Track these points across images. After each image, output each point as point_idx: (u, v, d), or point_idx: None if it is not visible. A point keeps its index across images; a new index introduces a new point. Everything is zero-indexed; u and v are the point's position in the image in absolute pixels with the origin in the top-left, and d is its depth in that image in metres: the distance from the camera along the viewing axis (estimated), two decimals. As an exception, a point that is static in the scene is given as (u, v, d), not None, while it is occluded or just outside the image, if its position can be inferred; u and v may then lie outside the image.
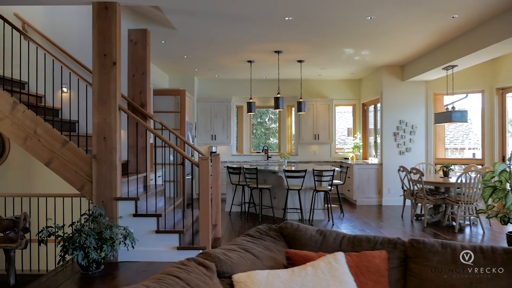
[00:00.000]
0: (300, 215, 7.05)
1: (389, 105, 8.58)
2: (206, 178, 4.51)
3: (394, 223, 6.82)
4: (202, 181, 4.51)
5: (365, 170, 8.68)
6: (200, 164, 4.51)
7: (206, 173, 4.51)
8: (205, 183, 4.51)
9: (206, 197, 4.50)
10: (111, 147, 4.44)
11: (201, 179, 4.52)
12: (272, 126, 17.92)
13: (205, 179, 4.51)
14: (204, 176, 4.51)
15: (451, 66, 6.82)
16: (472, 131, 13.55)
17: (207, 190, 4.51)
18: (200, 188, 4.52)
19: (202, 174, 4.51)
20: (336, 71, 9.09)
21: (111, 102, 4.46)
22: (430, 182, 6.50)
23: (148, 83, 5.71)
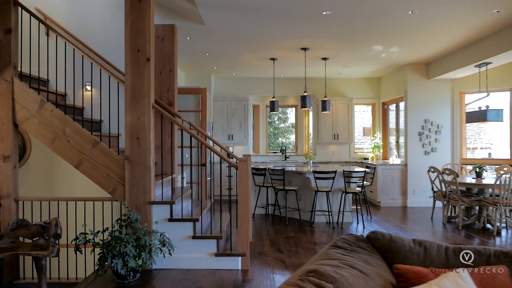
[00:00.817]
0: (328, 218, 6.81)
1: (414, 104, 8.34)
2: (246, 180, 4.27)
3: (426, 226, 6.57)
4: (241, 183, 4.27)
5: (389, 170, 8.44)
6: (239, 166, 4.27)
7: (246, 175, 4.27)
8: (244, 186, 4.27)
9: (246, 201, 4.27)
10: (144, 148, 4.20)
11: (240, 181, 4.27)
12: (281, 126, 17.67)
13: (245, 182, 4.27)
14: (243, 178, 4.27)
15: (485, 63, 6.58)
16: (483, 130, 13.33)
17: (246, 193, 4.28)
18: (239, 191, 4.28)
19: (241, 176, 4.27)
20: (358, 69, 8.85)
21: (145, 100, 4.22)
22: (467, 183, 6.25)
23: (175, 81, 5.47)
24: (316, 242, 5.48)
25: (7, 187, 4.32)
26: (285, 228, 6.45)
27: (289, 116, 16.16)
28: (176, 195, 4.66)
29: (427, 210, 7.86)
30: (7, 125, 4.28)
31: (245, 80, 10.03)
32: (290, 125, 16.84)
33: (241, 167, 4.27)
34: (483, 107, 6.66)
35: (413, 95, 8.33)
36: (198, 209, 4.70)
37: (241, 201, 4.28)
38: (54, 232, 3.94)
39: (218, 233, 4.39)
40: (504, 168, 6.94)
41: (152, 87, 4.29)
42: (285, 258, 4.77)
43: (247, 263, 4.27)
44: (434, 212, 7.31)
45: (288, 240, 5.64)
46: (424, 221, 6.92)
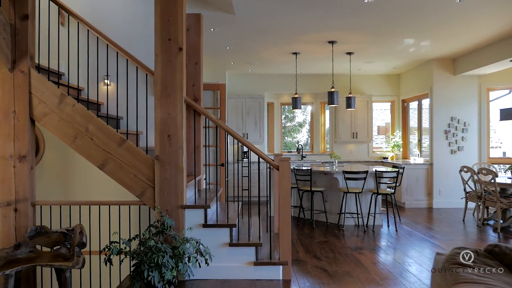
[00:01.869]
0: (357, 220, 6.45)
1: (440, 101, 7.98)
2: (287, 182, 3.89)
3: (460, 228, 6.22)
4: (282, 185, 3.89)
5: (414, 170, 8.08)
6: (280, 167, 3.89)
7: (287, 176, 3.89)
8: (285, 188, 3.89)
9: (287, 204, 3.88)
10: (176, 147, 3.81)
11: (280, 183, 3.89)
12: (287, 125, 17.30)
13: (286, 184, 3.89)
14: (284, 180, 3.89)
15: (523, 57, 6.24)
16: (492, 129, 13.00)
17: (287, 196, 3.90)
18: (281, 193, 3.90)
19: (282, 177, 3.89)
20: (379, 65, 8.49)
21: (177, 94, 3.83)
22: (507, 184, 5.90)
23: (201, 75, 5.08)
24: (352, 247, 5.11)
25: (23, 190, 3.90)
26: (313, 231, 6.08)
27: (296, 115, 15.80)
28: (206, 197, 4.26)
29: (455, 212, 7.51)
30: (23, 121, 3.87)
31: (261, 76, 9.65)
32: (297, 124, 16.47)
33: (282, 167, 3.89)
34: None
35: (439, 91, 7.98)
36: (233, 213, 4.31)
37: (283, 205, 3.90)
38: (79, 241, 3.54)
39: (257, 239, 4.01)
40: (540, 168, 6.60)
41: (184, 80, 3.90)
42: (325, 265, 4.39)
43: (289, 272, 3.89)
44: (465, 214, 6.96)
45: (322, 245, 5.26)
46: (456, 223, 6.57)
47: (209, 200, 4.08)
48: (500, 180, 6.12)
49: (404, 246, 5.21)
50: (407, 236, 5.77)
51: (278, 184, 5.22)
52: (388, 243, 5.37)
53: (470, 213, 7.15)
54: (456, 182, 7.85)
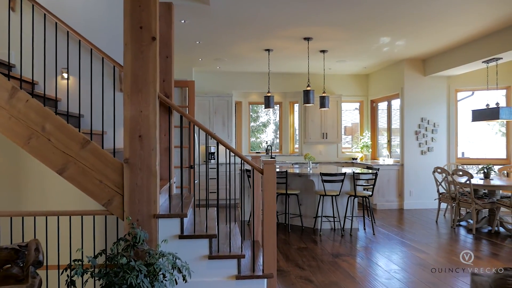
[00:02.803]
0: (334, 224, 6.24)
1: (411, 101, 7.98)
2: (273, 188, 3.56)
3: (435, 230, 6.17)
4: (267, 192, 3.55)
5: (386, 171, 8.02)
6: (265, 171, 3.55)
7: (273, 182, 3.56)
8: (270, 194, 3.55)
9: (272, 213, 3.55)
10: (149, 149, 3.37)
11: (266, 189, 3.56)
12: (251, 125, 17.01)
13: (271, 189, 3.55)
14: (269, 185, 3.56)
15: (495, 59, 6.28)
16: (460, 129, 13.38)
17: (273, 202, 3.57)
18: (265, 202, 3.56)
19: (267, 183, 3.55)
20: (351, 64, 8.38)
21: (150, 89, 3.40)
22: (482, 185, 5.89)
23: (172, 70, 4.65)
24: (334, 254, 4.87)
25: (-35, 199, 3.33)
26: (289, 237, 5.80)
27: (260, 115, 15.55)
28: (182, 204, 3.84)
29: (426, 213, 7.51)
30: (-35, 120, 3.29)
31: (229, 74, 9.28)
32: (261, 124, 16.20)
33: (267, 171, 3.56)
34: (491, 105, 6.37)
35: (410, 92, 7.97)
36: (211, 221, 3.92)
37: (268, 212, 3.57)
38: (34, 259, 3.03)
39: (238, 250, 3.65)
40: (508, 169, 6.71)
41: (158, 73, 3.48)
42: (309, 276, 4.11)
43: (274, 286, 3.57)
44: (436, 215, 6.96)
45: (302, 252, 4.98)
46: (430, 225, 6.53)
47: (185, 207, 3.67)
48: (472, 181, 6.13)
49: (385, 251, 5.04)
50: (385, 239, 5.62)
51: (258, 188, 4.89)
52: (369, 248, 5.19)
53: (441, 214, 7.16)
54: (426, 183, 7.87)
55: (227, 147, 3.60)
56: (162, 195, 3.89)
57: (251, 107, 13.76)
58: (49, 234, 3.61)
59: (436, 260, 4.62)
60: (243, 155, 3.62)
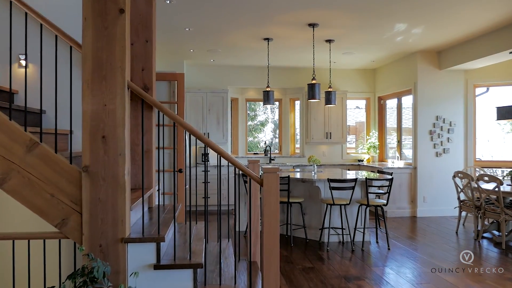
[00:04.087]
0: (342, 237, 5.48)
1: (425, 98, 7.22)
2: (275, 203, 2.78)
3: (458, 244, 5.42)
4: (268, 207, 2.78)
5: (397, 175, 7.24)
6: (265, 181, 2.78)
7: (275, 195, 2.79)
8: (272, 214, 2.78)
9: (274, 232, 2.78)
10: (115, 153, 2.60)
11: (266, 204, 2.78)
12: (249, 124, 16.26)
13: (274, 205, 2.78)
14: (271, 199, 2.78)
15: (527, 48, 5.53)
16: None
17: (275, 221, 2.79)
18: (265, 219, 2.78)
19: (268, 196, 2.78)
20: (358, 57, 7.62)
21: (117, 76, 2.62)
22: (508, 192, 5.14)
23: (154, 57, 3.88)
24: (346, 277, 4.10)
25: None
26: (292, 252, 5.04)
27: (258, 113, 14.79)
28: (160, 223, 3.06)
29: (442, 221, 6.76)
30: None
31: (224, 68, 8.50)
32: (259, 123, 15.41)
33: (268, 182, 2.78)
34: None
35: (424, 88, 7.21)
36: (197, 243, 3.14)
37: (268, 231, 2.79)
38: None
39: (231, 281, 2.88)
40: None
41: (128, 57, 2.71)
42: (319, 309, 3.34)
43: (277, 328, 2.80)
44: (455, 224, 6.20)
45: (308, 273, 4.21)
46: (450, 237, 5.78)
47: (163, 226, 2.89)
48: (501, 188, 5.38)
49: (406, 272, 4.28)
50: (403, 256, 4.87)
51: (256, 198, 4.11)
52: (386, 269, 4.42)
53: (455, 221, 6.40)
54: (441, 188, 7.13)
55: (216, 151, 2.82)
56: (136, 211, 3.11)
57: (248, 104, 12.98)
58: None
59: (469, 286, 3.87)
60: (235, 159, 2.84)
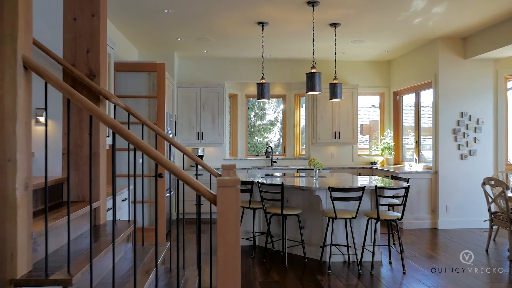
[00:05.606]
0: (348, 256, 4.58)
1: (447, 92, 6.25)
2: (234, 232, 1.93)
3: (490, 266, 4.46)
4: (223, 239, 1.92)
5: (414, 180, 6.30)
6: (219, 198, 1.91)
7: (234, 221, 1.92)
8: (231, 246, 1.92)
9: (234, 280, 1.92)
10: (1, 159, 1.81)
11: (221, 233, 1.92)
12: (257, 124, 15.43)
13: (232, 235, 1.93)
14: (229, 226, 1.93)
15: None
16: None
17: (236, 261, 1.93)
18: (219, 257, 1.92)
19: (223, 222, 1.92)
20: (370, 46, 6.70)
21: (4, 49, 1.84)
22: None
23: (103, 36, 3.09)
24: (348, 315, 3.23)
25: None
26: (286, 276, 4.17)
27: (268, 112, 13.97)
28: (70, 259, 2.23)
29: (468, 235, 5.80)
30: None
31: (220, 60, 7.68)
32: (268, 123, 14.55)
33: (224, 199, 1.92)
34: None
35: (446, 80, 6.25)
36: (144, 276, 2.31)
37: (224, 273, 1.93)
38: None
39: None
40: None
41: (26, 21, 1.91)
42: None
43: None
44: (484, 239, 5.25)
45: (299, 309, 3.35)
46: (479, 256, 4.81)
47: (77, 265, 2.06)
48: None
49: (425, 307, 3.38)
50: (421, 282, 3.95)
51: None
52: (400, 300, 3.53)
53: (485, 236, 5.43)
54: (467, 195, 6.16)
55: (152, 157, 1.99)
56: (84, 225, 2.32)
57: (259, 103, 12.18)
58: None
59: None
60: (177, 168, 2.00)
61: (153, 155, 1.95)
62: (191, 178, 1.98)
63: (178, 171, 1.98)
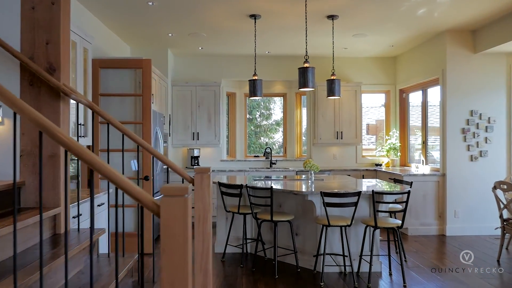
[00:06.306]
0: (344, 267, 4.23)
1: (456, 88, 5.84)
2: (183, 251, 1.61)
3: (502, 280, 4.07)
4: (167, 259, 1.59)
5: (420, 184, 5.91)
6: (162, 209, 1.60)
7: (182, 236, 1.61)
8: (178, 267, 1.61)
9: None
10: None
11: (165, 250, 1.60)
12: (263, 124, 15.10)
13: (179, 254, 1.61)
14: (174, 243, 1.61)
15: None
16: None
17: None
18: (164, 282, 1.61)
19: (167, 239, 1.60)
20: (374, 41, 6.32)
21: None
22: None
23: (64, 26, 2.82)
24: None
25: None
26: (275, 286, 3.85)
27: (274, 112, 13.62)
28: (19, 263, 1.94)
29: (479, 242, 5.39)
30: None
31: (216, 58, 7.38)
32: (274, 123, 14.21)
33: (169, 210, 1.60)
34: None
35: (455, 76, 5.84)
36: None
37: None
38: None
39: None
40: None
41: None
42: None
43: None
44: (495, 247, 4.84)
45: (283, 329, 3.02)
46: (490, 266, 4.41)
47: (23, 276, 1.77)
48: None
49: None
50: (423, 298, 3.59)
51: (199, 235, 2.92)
52: (397, 319, 3.17)
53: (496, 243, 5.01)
54: (477, 200, 5.76)
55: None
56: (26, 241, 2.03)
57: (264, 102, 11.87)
58: None
59: None
60: (113, 173, 1.69)
61: (86, 158, 1.65)
62: (131, 186, 1.67)
63: (116, 177, 1.67)
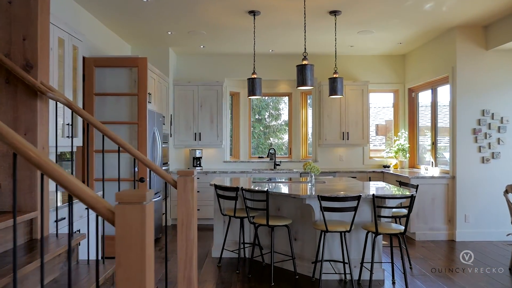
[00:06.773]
0: (344, 274, 4.02)
1: (466, 87, 5.57)
2: (140, 264, 1.45)
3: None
4: (123, 274, 1.44)
5: (429, 186, 5.66)
6: (116, 219, 1.43)
7: (139, 248, 1.45)
8: (135, 285, 1.45)
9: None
10: None
11: (120, 266, 1.45)
12: (272, 124, 14.91)
13: (137, 269, 1.45)
14: (132, 258, 1.45)
15: None
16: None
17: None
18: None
19: (123, 250, 1.45)
20: (379, 38, 6.09)
21: None
22: None
23: (43, 21, 2.70)
24: None
25: None
26: None
27: (283, 112, 13.43)
28: None
29: (490, 248, 5.11)
30: None
31: (219, 56, 7.23)
32: (283, 123, 14.04)
33: (124, 219, 1.44)
34: None
35: (465, 73, 5.57)
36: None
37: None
38: None
39: None
40: None
41: None
42: None
43: None
44: (507, 253, 4.57)
45: None
46: (501, 276, 4.15)
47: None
48: None
49: None
50: (427, 309, 3.36)
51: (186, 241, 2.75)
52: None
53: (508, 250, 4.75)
54: (489, 204, 5.48)
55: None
56: None
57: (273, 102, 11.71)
58: None
59: None
60: (73, 182, 1.53)
61: (33, 160, 1.50)
62: (85, 192, 1.51)
63: (69, 182, 1.52)
